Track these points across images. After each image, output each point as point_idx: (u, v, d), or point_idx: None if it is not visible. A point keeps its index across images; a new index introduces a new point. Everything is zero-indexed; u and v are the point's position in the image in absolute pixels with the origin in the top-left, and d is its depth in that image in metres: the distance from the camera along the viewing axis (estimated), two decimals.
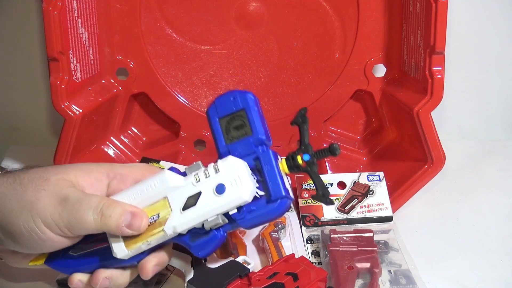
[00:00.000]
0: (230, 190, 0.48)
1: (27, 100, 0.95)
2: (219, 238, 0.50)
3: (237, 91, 0.53)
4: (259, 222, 0.49)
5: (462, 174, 0.86)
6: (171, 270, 0.64)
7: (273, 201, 0.48)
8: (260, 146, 0.51)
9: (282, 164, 0.51)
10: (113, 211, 0.48)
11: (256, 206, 0.49)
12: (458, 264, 0.66)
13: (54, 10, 0.67)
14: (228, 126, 0.52)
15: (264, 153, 0.50)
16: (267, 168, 0.50)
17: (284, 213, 0.49)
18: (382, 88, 0.81)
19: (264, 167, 0.50)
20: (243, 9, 0.81)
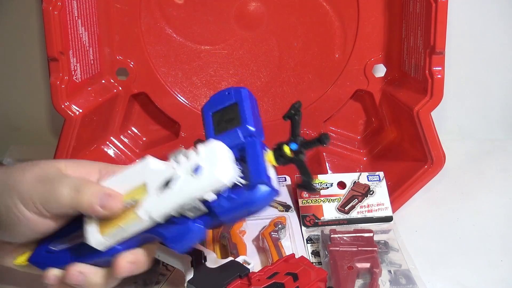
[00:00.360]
0: (207, 171, 0.46)
1: (27, 100, 0.95)
2: (196, 231, 0.47)
3: (233, 87, 0.52)
4: (238, 212, 0.46)
5: (462, 174, 0.86)
6: (171, 270, 0.64)
7: (253, 188, 0.45)
8: (248, 137, 0.49)
9: (269, 155, 0.49)
10: (88, 189, 0.48)
11: (236, 195, 0.46)
12: (458, 264, 0.66)
13: (54, 10, 0.67)
14: (220, 119, 0.51)
15: (250, 142, 0.48)
16: (250, 155, 0.47)
17: (265, 204, 0.46)
18: (382, 88, 0.81)
19: (248, 155, 0.47)
20: (243, 9, 0.81)
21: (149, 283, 0.62)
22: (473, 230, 0.73)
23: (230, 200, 0.46)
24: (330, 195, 0.73)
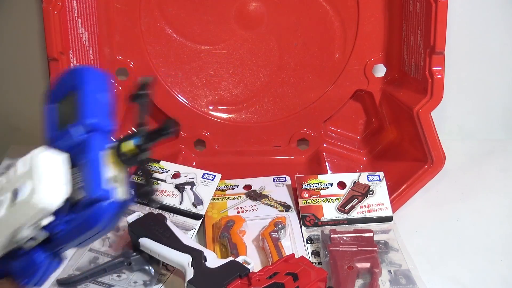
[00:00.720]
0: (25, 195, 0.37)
1: (27, 100, 0.95)
2: (41, 262, 0.40)
3: (74, 68, 0.42)
4: (83, 233, 0.38)
5: (462, 174, 0.86)
6: (171, 270, 0.64)
7: (90, 206, 0.37)
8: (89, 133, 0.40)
9: (111, 155, 0.40)
10: None
11: (76, 214, 0.38)
12: (458, 264, 0.66)
13: (54, 10, 0.67)
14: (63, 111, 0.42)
15: (85, 141, 0.39)
16: (84, 160, 0.38)
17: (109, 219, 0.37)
18: (382, 88, 0.81)
19: (82, 159, 0.39)
20: (243, 9, 0.81)
21: (149, 283, 0.62)
22: (473, 230, 0.73)
23: (69, 222, 0.39)
24: (330, 195, 0.73)
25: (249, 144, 0.86)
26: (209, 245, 0.68)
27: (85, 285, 0.62)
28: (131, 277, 0.63)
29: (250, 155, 0.86)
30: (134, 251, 0.64)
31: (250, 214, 0.72)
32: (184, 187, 0.74)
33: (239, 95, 0.85)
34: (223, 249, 0.67)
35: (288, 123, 0.85)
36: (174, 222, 0.69)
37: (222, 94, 0.84)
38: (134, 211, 0.68)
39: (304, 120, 0.85)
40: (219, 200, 0.75)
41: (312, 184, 0.73)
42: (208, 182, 0.75)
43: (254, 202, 0.75)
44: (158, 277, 0.63)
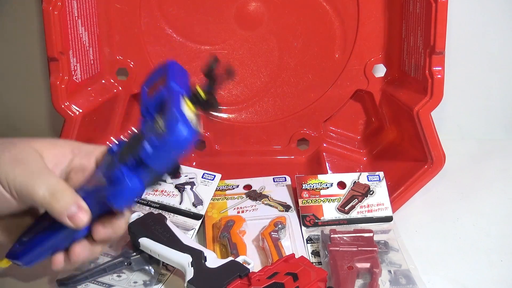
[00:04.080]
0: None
1: (27, 100, 0.95)
2: (131, 183, 0.48)
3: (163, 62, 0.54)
4: (164, 155, 0.47)
5: (462, 174, 0.86)
6: (171, 270, 0.64)
7: (170, 127, 0.46)
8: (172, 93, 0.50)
9: (187, 102, 0.50)
10: (63, 196, 0.50)
11: (158, 141, 0.47)
12: (458, 264, 0.66)
13: (54, 10, 0.67)
14: (152, 88, 0.53)
15: (168, 96, 0.49)
16: (167, 105, 0.49)
17: (185, 142, 0.47)
18: (382, 88, 0.81)
19: (166, 106, 0.49)
20: (243, 9, 0.81)
21: (149, 283, 0.62)
22: (473, 230, 0.73)
23: (154, 145, 0.47)
24: (330, 195, 0.73)
25: (249, 144, 0.86)
26: (209, 245, 0.68)
27: (85, 285, 0.62)
28: (131, 277, 0.63)
29: (250, 155, 0.86)
30: (134, 251, 0.64)
31: (250, 214, 0.72)
32: (184, 187, 0.74)
33: (239, 95, 0.85)
34: (223, 249, 0.67)
35: (288, 123, 0.85)
36: (174, 222, 0.69)
37: (222, 94, 0.84)
38: (134, 211, 0.68)
39: (304, 120, 0.85)
40: (219, 200, 0.75)
41: (312, 184, 0.73)
42: (208, 182, 0.75)
43: (254, 202, 0.75)
44: (158, 277, 0.63)
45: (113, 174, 0.49)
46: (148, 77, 0.55)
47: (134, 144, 0.50)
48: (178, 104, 0.48)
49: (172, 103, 0.48)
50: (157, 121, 0.49)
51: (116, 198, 0.49)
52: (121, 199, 0.49)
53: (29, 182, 0.49)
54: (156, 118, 0.49)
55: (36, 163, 0.51)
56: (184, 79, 0.52)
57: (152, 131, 0.48)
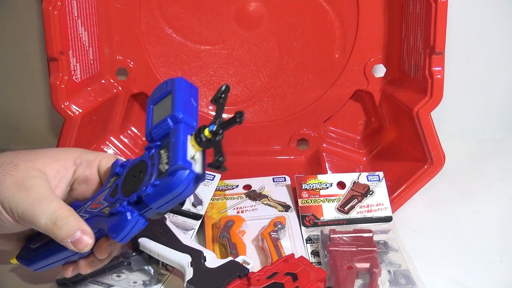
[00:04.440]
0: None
1: (27, 100, 0.95)
2: (132, 220, 0.48)
3: (170, 78, 0.53)
4: (164, 197, 0.47)
5: (461, 174, 0.86)
6: (171, 270, 0.64)
7: (172, 173, 0.46)
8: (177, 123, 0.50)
9: (192, 139, 0.49)
10: (65, 224, 0.50)
11: (159, 181, 0.47)
12: (458, 264, 0.66)
13: (54, 10, 0.67)
14: (158, 110, 0.52)
15: (173, 128, 0.49)
16: (172, 140, 0.48)
17: (186, 187, 0.46)
18: (382, 88, 0.81)
19: (170, 140, 0.49)
20: (243, 9, 0.81)
21: (149, 283, 0.62)
22: (473, 230, 0.73)
23: (154, 186, 0.47)
24: (330, 195, 0.73)
25: (249, 144, 0.86)
26: (209, 245, 0.68)
27: (85, 285, 0.62)
28: (131, 277, 0.63)
29: (250, 155, 0.86)
30: (133, 251, 0.64)
31: (249, 214, 0.72)
32: None
33: (239, 95, 0.85)
34: (223, 249, 0.67)
35: (288, 123, 0.85)
36: (174, 222, 0.69)
37: None
38: None
39: (304, 120, 0.85)
40: (218, 200, 0.75)
41: (311, 184, 0.73)
42: (208, 182, 0.75)
43: (254, 202, 0.75)
44: (157, 277, 0.63)
45: (115, 208, 0.49)
46: (155, 92, 0.54)
47: (137, 178, 0.50)
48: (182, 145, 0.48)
49: (176, 143, 0.48)
50: (160, 155, 0.49)
51: (117, 231, 0.49)
52: (121, 233, 0.49)
53: (31, 211, 0.49)
54: (159, 152, 0.49)
55: (38, 188, 0.51)
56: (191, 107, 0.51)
57: (155, 166, 0.48)
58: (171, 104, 0.50)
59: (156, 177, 0.48)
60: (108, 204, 0.51)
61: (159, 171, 0.48)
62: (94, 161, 0.55)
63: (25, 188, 0.50)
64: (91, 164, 0.55)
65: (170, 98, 0.51)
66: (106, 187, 0.53)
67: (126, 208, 0.48)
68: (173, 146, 0.48)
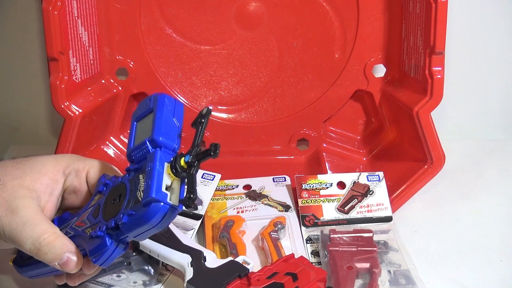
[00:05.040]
0: None
1: (27, 100, 0.95)
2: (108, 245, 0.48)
3: (154, 94, 0.52)
4: (139, 227, 0.46)
5: (462, 174, 0.86)
6: (171, 270, 0.64)
7: (145, 204, 0.46)
8: (156, 148, 0.49)
9: (168, 170, 0.48)
10: (50, 250, 0.50)
11: (134, 211, 0.47)
12: (458, 264, 0.66)
13: (54, 10, 0.67)
14: (140, 128, 0.52)
15: (151, 154, 0.48)
16: (148, 169, 0.47)
17: (160, 219, 0.46)
18: (382, 88, 0.81)
19: (147, 168, 0.48)
20: (243, 9, 0.81)
21: (149, 283, 0.62)
22: (473, 230, 0.73)
23: (130, 216, 0.47)
24: (330, 195, 0.73)
25: (249, 144, 0.86)
26: (209, 245, 0.68)
27: (84, 285, 0.62)
28: (131, 277, 0.63)
29: (250, 155, 0.86)
30: (133, 251, 0.64)
31: (249, 214, 0.72)
32: None
33: (239, 95, 0.85)
34: (223, 249, 0.67)
35: (288, 123, 0.85)
36: (174, 222, 0.68)
37: (222, 94, 0.84)
38: None
39: (304, 120, 0.85)
40: (218, 200, 0.75)
41: (311, 184, 0.73)
42: (208, 182, 0.75)
43: (254, 202, 0.75)
44: (157, 277, 0.63)
45: (95, 232, 0.49)
46: (139, 108, 0.53)
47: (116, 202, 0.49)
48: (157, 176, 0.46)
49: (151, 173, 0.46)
50: (139, 180, 0.48)
51: (96, 256, 0.49)
52: (100, 258, 0.49)
53: (15, 235, 0.49)
54: (138, 176, 0.49)
55: (24, 211, 0.50)
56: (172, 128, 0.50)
57: (133, 192, 0.48)
58: (151, 125, 0.49)
59: (132, 206, 0.47)
60: (90, 225, 0.51)
61: (136, 198, 0.47)
62: (82, 171, 0.55)
63: (11, 211, 0.50)
64: (79, 174, 0.55)
65: (152, 117, 0.50)
66: (90, 204, 0.53)
67: (105, 233, 0.48)
68: (148, 176, 0.47)
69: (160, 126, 0.49)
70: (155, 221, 0.46)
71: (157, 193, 0.46)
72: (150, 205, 0.45)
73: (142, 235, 0.48)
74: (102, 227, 0.49)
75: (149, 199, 0.45)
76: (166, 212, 0.46)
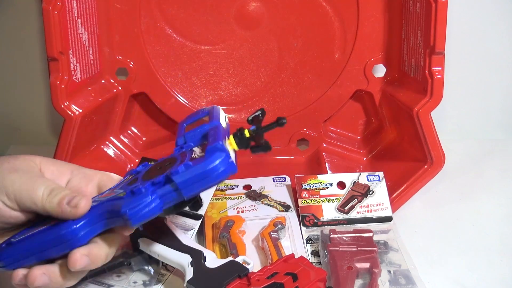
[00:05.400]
0: None
1: (27, 100, 0.95)
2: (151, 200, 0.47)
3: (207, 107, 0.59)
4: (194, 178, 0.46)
5: (462, 174, 0.86)
6: (171, 270, 0.64)
7: (210, 150, 0.47)
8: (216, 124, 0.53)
9: (230, 140, 0.51)
10: (62, 191, 0.50)
11: (193, 162, 0.47)
12: (458, 264, 0.66)
13: (54, 10, 0.67)
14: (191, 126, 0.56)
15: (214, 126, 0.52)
16: (211, 133, 0.50)
17: (221, 168, 0.46)
18: (382, 88, 0.81)
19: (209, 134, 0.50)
20: (243, 9, 0.81)
21: (149, 283, 0.62)
22: (473, 230, 0.73)
23: (187, 166, 0.47)
24: (330, 195, 0.73)
25: None
26: (209, 245, 0.68)
27: (84, 285, 0.62)
28: (131, 277, 0.63)
29: (250, 155, 0.86)
30: (133, 251, 0.64)
31: (249, 214, 0.72)
32: None
33: (239, 95, 0.85)
34: (223, 249, 0.67)
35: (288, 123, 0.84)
36: (174, 222, 0.69)
37: (222, 94, 0.84)
38: None
39: (304, 120, 0.85)
40: (218, 200, 0.75)
41: (311, 184, 0.73)
42: None
43: (254, 202, 0.75)
44: (157, 277, 0.63)
45: (135, 186, 0.48)
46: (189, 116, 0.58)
47: (163, 167, 0.50)
48: (220, 136, 0.50)
49: (215, 135, 0.50)
50: (193, 151, 0.50)
51: (132, 209, 0.47)
52: (137, 211, 0.47)
53: (28, 184, 0.50)
54: (192, 149, 0.51)
55: (34, 172, 0.52)
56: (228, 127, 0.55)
57: (186, 157, 0.49)
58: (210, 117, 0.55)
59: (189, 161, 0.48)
60: (125, 190, 0.49)
61: (192, 157, 0.48)
62: (93, 176, 0.55)
63: (21, 170, 0.51)
64: (90, 178, 0.54)
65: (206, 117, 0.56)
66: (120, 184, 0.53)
67: (147, 188, 0.47)
68: (211, 135, 0.49)
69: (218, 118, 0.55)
70: (216, 169, 0.46)
71: (222, 146, 0.47)
72: (215, 152, 0.46)
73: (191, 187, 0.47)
74: (145, 184, 0.48)
75: (215, 146, 0.47)
76: (227, 164, 0.47)
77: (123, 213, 0.47)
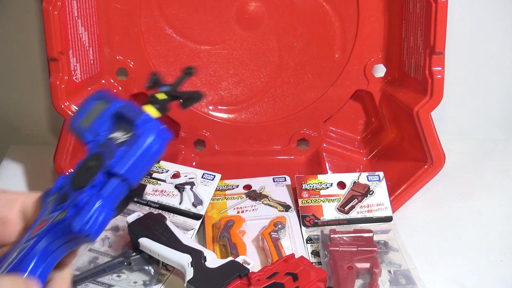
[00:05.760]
0: None
1: (27, 100, 0.95)
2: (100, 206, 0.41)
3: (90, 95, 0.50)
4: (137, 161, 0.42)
5: (462, 174, 0.86)
6: (171, 270, 0.64)
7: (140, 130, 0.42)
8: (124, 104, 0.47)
9: (148, 107, 0.49)
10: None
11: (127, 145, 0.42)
12: (458, 264, 0.66)
13: (54, 10, 0.67)
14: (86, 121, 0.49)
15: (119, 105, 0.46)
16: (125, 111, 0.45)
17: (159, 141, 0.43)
18: (382, 88, 0.81)
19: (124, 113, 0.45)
20: (243, 9, 0.81)
21: (149, 283, 0.62)
22: (473, 230, 0.73)
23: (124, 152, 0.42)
24: (330, 195, 0.73)
25: (249, 144, 0.86)
26: (209, 245, 0.68)
27: (85, 285, 0.62)
28: (131, 277, 0.63)
29: (250, 155, 0.86)
30: (134, 251, 0.64)
31: (250, 214, 0.72)
32: (184, 187, 0.74)
33: (239, 95, 0.85)
34: (223, 249, 0.67)
35: (288, 123, 0.85)
36: (174, 222, 0.69)
37: (222, 94, 0.84)
38: (134, 211, 0.68)
39: (304, 120, 0.85)
40: (219, 200, 0.75)
41: (312, 184, 0.73)
42: (208, 182, 0.75)
43: (254, 202, 0.75)
44: (158, 277, 0.63)
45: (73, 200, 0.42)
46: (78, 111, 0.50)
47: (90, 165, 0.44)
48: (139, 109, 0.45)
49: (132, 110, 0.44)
50: (114, 137, 0.44)
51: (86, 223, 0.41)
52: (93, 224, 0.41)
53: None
54: (111, 136, 0.45)
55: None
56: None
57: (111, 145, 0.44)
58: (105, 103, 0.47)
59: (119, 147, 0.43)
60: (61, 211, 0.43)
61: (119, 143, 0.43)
62: (15, 200, 0.47)
63: None
64: (12, 203, 0.47)
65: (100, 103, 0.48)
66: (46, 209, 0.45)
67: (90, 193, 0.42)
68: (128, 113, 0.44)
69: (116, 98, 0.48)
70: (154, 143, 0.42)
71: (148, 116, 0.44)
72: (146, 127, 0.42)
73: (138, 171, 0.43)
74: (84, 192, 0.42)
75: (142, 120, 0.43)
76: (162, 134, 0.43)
77: (79, 231, 0.41)
